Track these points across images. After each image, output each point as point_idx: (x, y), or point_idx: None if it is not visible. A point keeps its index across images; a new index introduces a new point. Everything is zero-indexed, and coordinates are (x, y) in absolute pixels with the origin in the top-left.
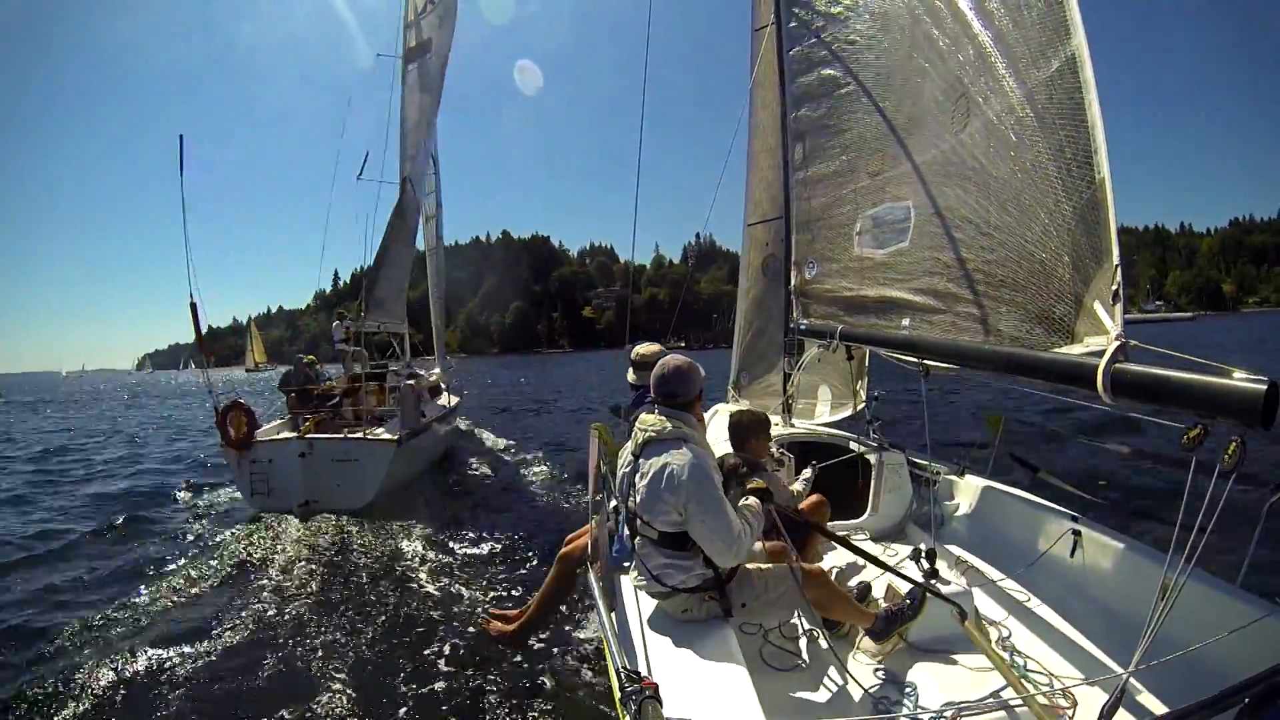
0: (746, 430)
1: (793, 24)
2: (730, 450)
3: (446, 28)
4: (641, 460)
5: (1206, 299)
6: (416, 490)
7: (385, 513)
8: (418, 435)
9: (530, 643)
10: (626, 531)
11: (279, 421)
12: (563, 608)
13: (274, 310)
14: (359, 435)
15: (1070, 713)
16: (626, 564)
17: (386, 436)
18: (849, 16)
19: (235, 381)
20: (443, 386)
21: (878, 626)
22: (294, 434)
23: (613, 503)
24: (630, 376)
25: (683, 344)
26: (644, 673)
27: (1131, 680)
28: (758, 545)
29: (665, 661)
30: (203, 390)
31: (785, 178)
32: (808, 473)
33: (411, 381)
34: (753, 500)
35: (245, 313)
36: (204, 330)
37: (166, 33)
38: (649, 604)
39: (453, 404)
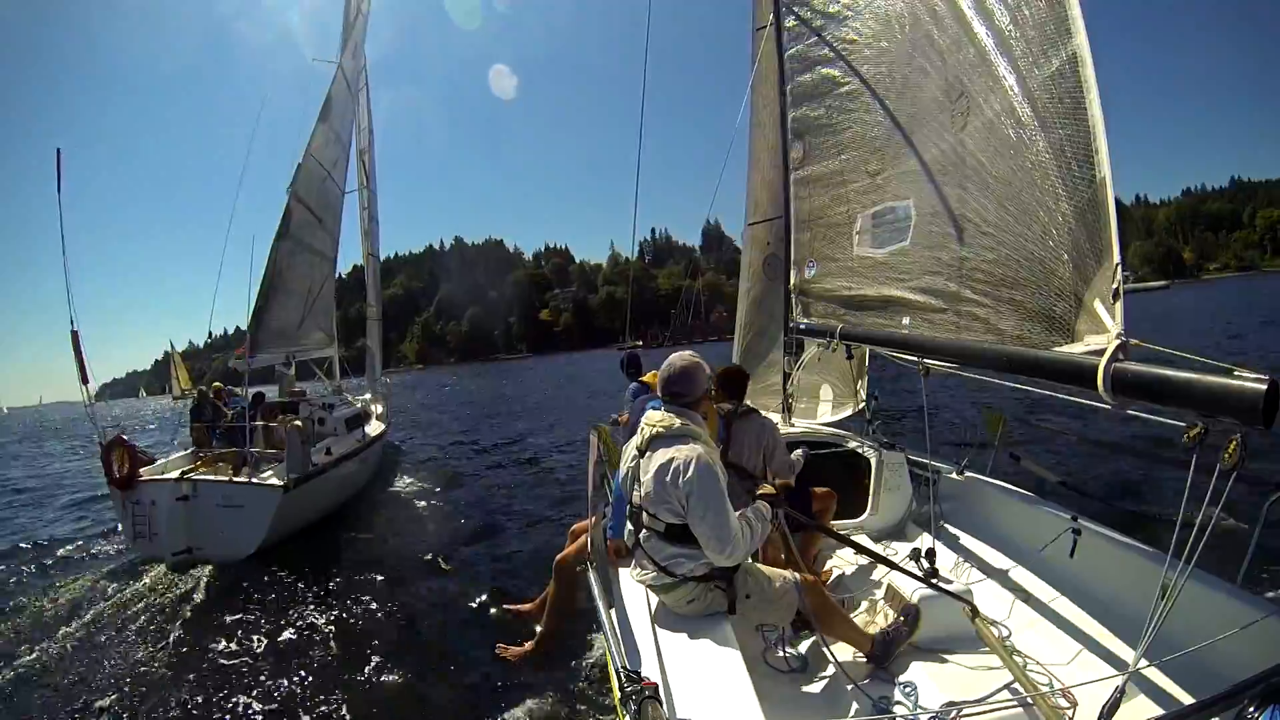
0: (733, 382)
1: (791, 23)
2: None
3: (358, 26)
4: (646, 456)
5: (1171, 267)
6: (317, 534)
7: (269, 563)
8: (313, 478)
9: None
10: (630, 526)
11: (181, 454)
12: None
13: (231, 331)
14: (244, 479)
15: (1070, 712)
16: (627, 561)
17: (274, 481)
18: (848, 16)
19: (158, 412)
20: (373, 410)
21: (877, 651)
22: (180, 473)
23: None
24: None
25: (639, 344)
26: (644, 672)
27: (1132, 680)
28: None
29: (665, 661)
30: (151, 420)
31: (785, 177)
32: (799, 453)
33: (299, 422)
34: (761, 504)
35: (203, 335)
36: (161, 358)
37: (170, 33)
38: (649, 602)
39: (377, 433)
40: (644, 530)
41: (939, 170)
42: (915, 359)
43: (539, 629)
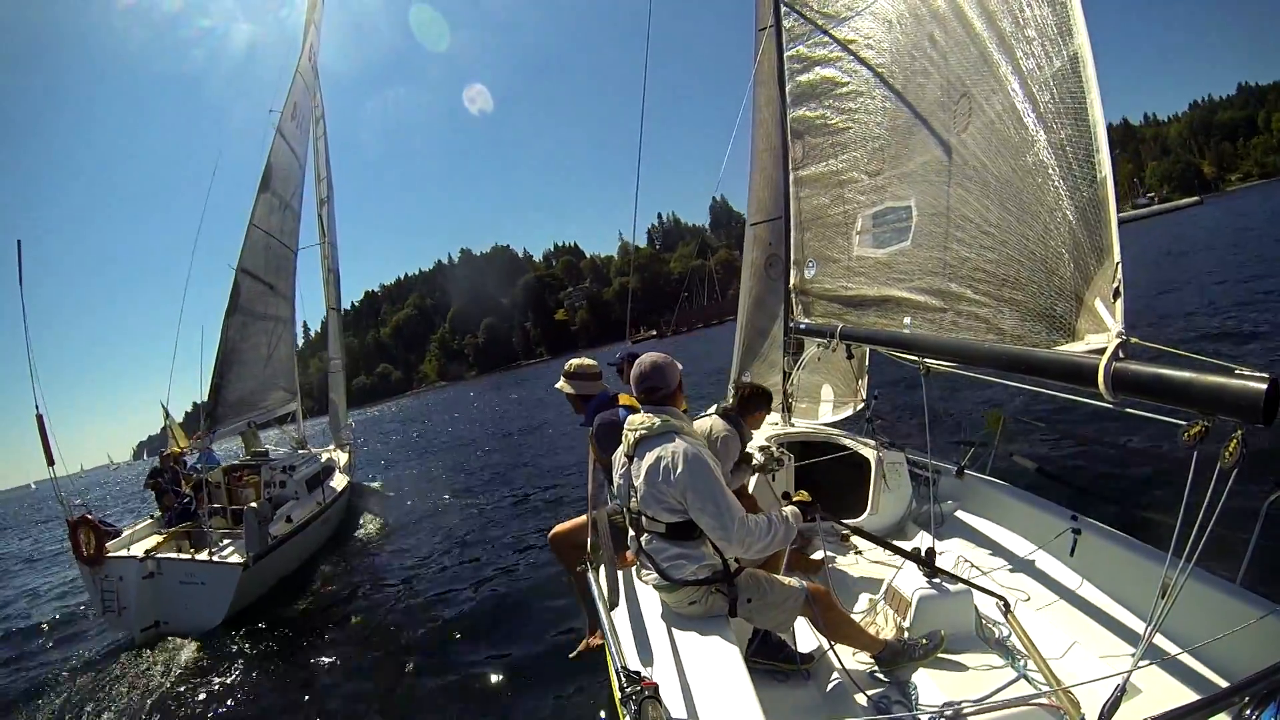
0: (749, 402)
1: (791, 23)
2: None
3: (297, 85)
4: (635, 460)
5: (1198, 183)
6: (284, 589)
7: (239, 626)
8: (272, 551)
9: (528, 642)
10: (632, 533)
11: (145, 524)
12: (561, 606)
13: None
14: (205, 558)
15: (1071, 711)
16: (628, 561)
17: (234, 559)
18: (849, 16)
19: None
20: (338, 461)
21: (885, 655)
22: (144, 551)
23: (614, 501)
24: (563, 385)
25: (653, 333)
26: (644, 673)
27: (1132, 678)
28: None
29: (665, 661)
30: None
31: (785, 177)
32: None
33: (254, 504)
34: (789, 509)
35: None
36: (178, 418)
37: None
38: (650, 603)
39: (341, 486)
40: (645, 534)
41: (940, 171)
42: (916, 358)
43: (587, 611)
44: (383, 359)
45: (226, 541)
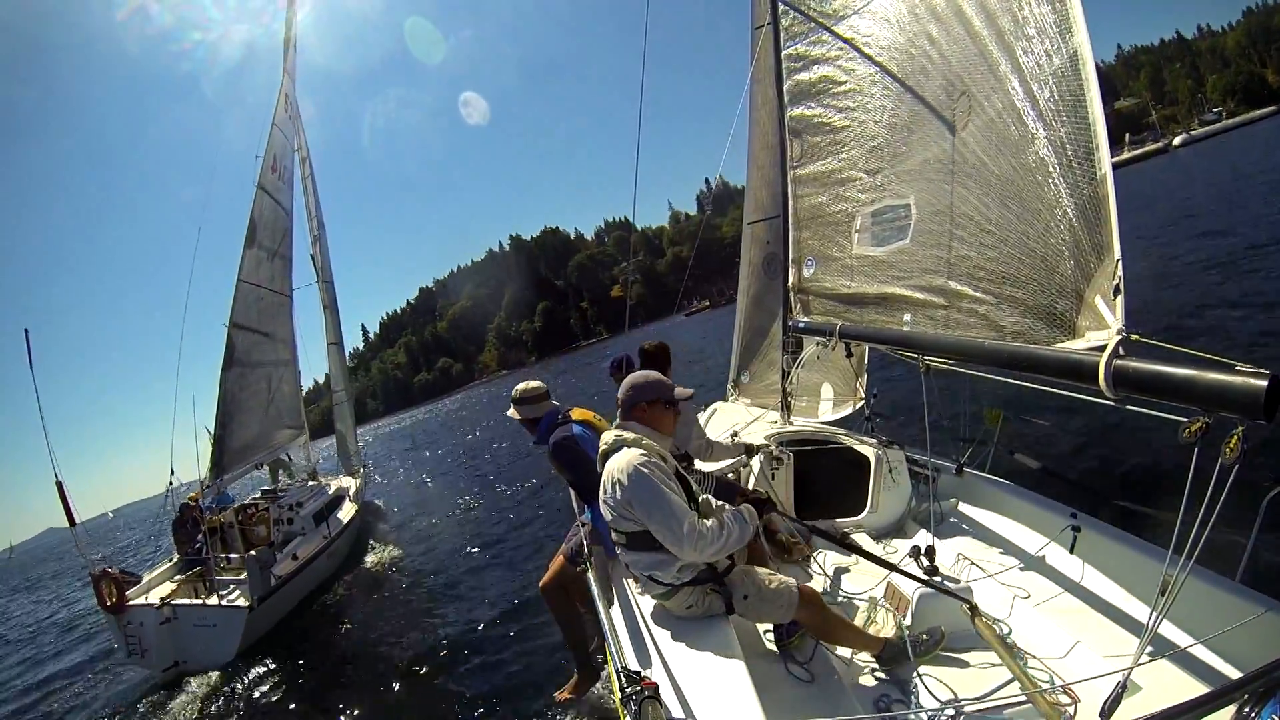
0: (652, 359)
1: (789, 21)
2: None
3: (274, 138)
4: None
5: (1266, 93)
6: (292, 625)
7: (250, 660)
8: (277, 590)
9: (524, 644)
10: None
11: (163, 569)
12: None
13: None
14: (214, 602)
15: (1072, 709)
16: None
17: (240, 602)
18: (847, 15)
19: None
20: (348, 489)
21: (885, 654)
22: (160, 599)
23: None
24: (512, 413)
25: (705, 303)
26: (644, 673)
27: (1133, 675)
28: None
29: (665, 661)
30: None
31: (783, 175)
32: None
33: (254, 552)
34: (746, 507)
35: None
36: None
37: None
38: (649, 603)
39: (349, 517)
40: (620, 548)
41: (940, 169)
42: (916, 356)
43: (574, 659)
44: (442, 353)
45: (233, 587)
